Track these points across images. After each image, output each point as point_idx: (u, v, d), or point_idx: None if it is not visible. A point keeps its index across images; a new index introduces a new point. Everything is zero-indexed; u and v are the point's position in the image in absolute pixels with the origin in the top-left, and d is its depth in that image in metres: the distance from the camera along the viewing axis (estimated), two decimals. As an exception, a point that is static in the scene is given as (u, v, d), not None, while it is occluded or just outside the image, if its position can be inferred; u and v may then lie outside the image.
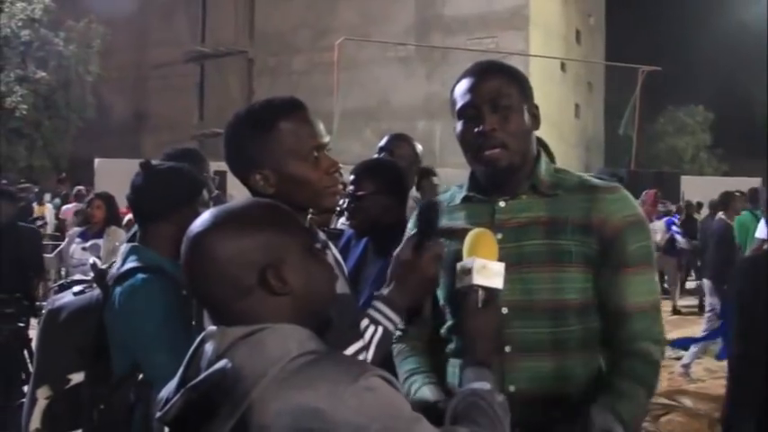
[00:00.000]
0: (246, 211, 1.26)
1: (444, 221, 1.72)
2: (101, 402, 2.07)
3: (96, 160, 17.88)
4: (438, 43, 26.46)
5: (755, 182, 20.83)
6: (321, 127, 1.68)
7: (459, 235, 1.65)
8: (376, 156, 3.22)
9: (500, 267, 1.53)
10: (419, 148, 3.35)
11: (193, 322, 1.99)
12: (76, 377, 2.15)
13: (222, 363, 1.14)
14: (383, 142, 3.30)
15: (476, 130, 1.62)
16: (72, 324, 2.20)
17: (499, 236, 1.64)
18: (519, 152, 1.64)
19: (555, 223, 1.64)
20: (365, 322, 1.54)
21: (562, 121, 32.06)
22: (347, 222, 2.61)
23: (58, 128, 24.35)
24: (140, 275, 2.08)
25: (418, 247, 1.57)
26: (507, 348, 1.62)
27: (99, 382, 2.10)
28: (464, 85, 1.67)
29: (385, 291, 1.58)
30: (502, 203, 1.68)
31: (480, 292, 1.51)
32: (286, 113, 1.65)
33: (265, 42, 31.59)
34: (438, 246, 1.58)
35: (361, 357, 1.50)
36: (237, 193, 4.91)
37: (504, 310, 1.61)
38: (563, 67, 30.91)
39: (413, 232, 1.65)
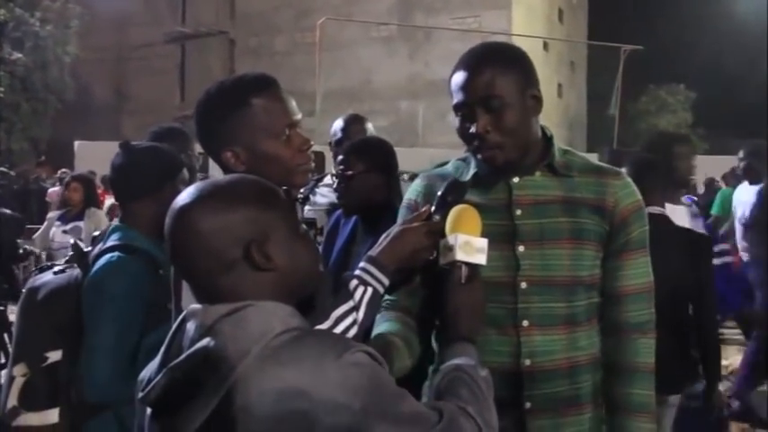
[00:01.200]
0: (233, 186, 1.25)
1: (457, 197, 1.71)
2: (78, 380, 2.07)
3: (76, 143, 17.71)
4: (421, 23, 26.34)
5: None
6: (293, 104, 1.66)
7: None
8: (334, 137, 3.25)
9: (483, 243, 1.54)
10: (370, 127, 3.36)
11: (169, 306, 2.05)
12: (54, 355, 2.16)
13: (205, 341, 1.13)
14: (341, 124, 3.31)
15: (470, 130, 1.62)
16: (50, 302, 2.21)
17: (519, 212, 1.68)
18: (516, 147, 1.64)
19: (571, 202, 1.68)
20: (354, 283, 1.54)
21: (545, 101, 31.90)
22: (338, 201, 2.60)
23: (36, 110, 24.06)
24: (113, 254, 2.11)
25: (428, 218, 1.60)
26: (525, 323, 1.65)
27: (77, 361, 2.10)
28: (458, 78, 1.64)
29: (374, 252, 1.59)
30: (516, 179, 1.69)
31: (464, 269, 1.52)
32: (258, 90, 1.63)
33: (247, 23, 31.30)
34: (439, 222, 1.59)
35: (351, 318, 1.51)
36: (219, 174, 4.87)
37: (524, 285, 1.64)
38: (545, 46, 30.88)
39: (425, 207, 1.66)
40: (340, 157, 2.54)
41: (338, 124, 3.34)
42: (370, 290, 1.54)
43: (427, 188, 1.78)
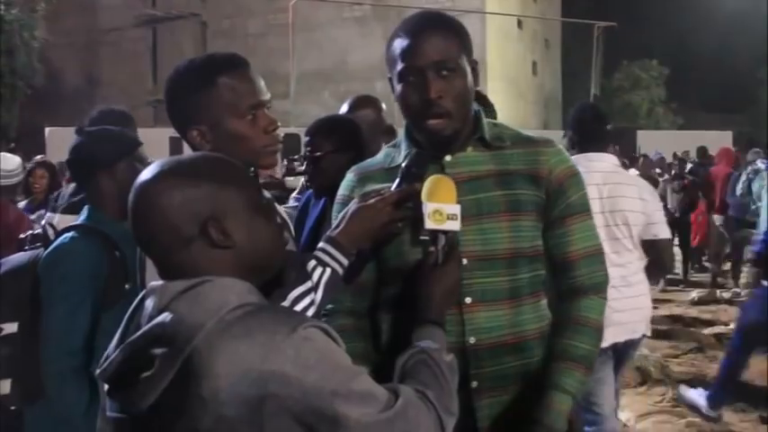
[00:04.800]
0: (194, 162, 1.26)
1: (386, 184, 1.68)
2: (32, 354, 2.10)
3: (47, 129, 17.45)
4: (394, 2, 26.18)
5: (712, 135, 21.20)
6: (261, 85, 1.65)
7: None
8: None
9: (455, 209, 1.53)
10: (383, 107, 3.25)
11: (127, 286, 2.10)
12: (9, 327, 2.21)
13: (162, 316, 1.14)
14: (345, 107, 3.20)
15: (420, 96, 1.58)
16: (8, 277, 2.27)
17: None
18: (462, 118, 1.62)
19: (505, 174, 1.66)
20: (312, 264, 1.53)
21: (519, 79, 32.11)
22: (306, 183, 2.57)
23: (3, 96, 23.64)
24: (69, 234, 2.17)
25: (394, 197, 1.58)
26: (468, 300, 1.63)
27: (32, 334, 2.15)
28: (405, 43, 1.59)
29: (332, 232, 1.58)
30: (448, 158, 1.66)
31: (441, 239, 1.53)
32: (225, 69, 1.62)
33: (218, 5, 30.92)
34: (396, 193, 1.59)
35: (309, 298, 1.50)
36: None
37: (464, 262, 1.61)
38: (520, 24, 30.87)
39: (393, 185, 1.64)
40: (306, 138, 2.50)
41: (342, 108, 3.22)
42: (328, 270, 1.53)
43: (360, 182, 1.76)
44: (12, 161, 4.43)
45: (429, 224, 1.52)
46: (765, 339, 4.31)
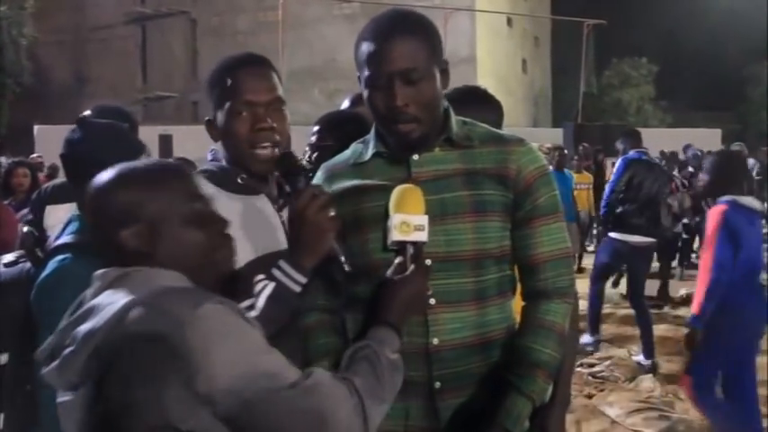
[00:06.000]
0: (139, 169, 1.32)
1: (354, 181, 1.68)
2: (25, 384, 1.94)
3: (36, 127, 17.37)
4: None
5: (700, 132, 21.29)
6: (261, 84, 1.67)
7: (373, 191, 1.64)
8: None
9: (422, 220, 1.52)
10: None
11: None
12: (1, 358, 2.04)
13: (90, 302, 1.23)
14: (347, 103, 3.21)
15: (387, 103, 1.55)
16: None
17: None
18: (431, 121, 1.59)
19: (472, 174, 1.63)
20: (259, 277, 1.54)
21: (509, 76, 32.14)
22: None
23: (-7, 94, 23.49)
24: (65, 257, 1.92)
25: (301, 199, 1.55)
26: (432, 301, 1.59)
27: (24, 363, 1.87)
28: (371, 49, 1.56)
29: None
30: (416, 156, 1.63)
31: (409, 248, 1.51)
32: (231, 69, 1.67)
33: (208, 2, 30.82)
34: (312, 193, 1.55)
35: (252, 314, 1.50)
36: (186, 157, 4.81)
37: (428, 262, 1.58)
38: (509, 22, 30.91)
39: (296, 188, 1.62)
40: (315, 128, 2.51)
41: (344, 104, 3.23)
42: (272, 284, 1.53)
43: (328, 179, 1.73)
44: None
45: (395, 236, 1.50)
46: (609, 274, 6.35)
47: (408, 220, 1.51)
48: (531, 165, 1.64)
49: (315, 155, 2.45)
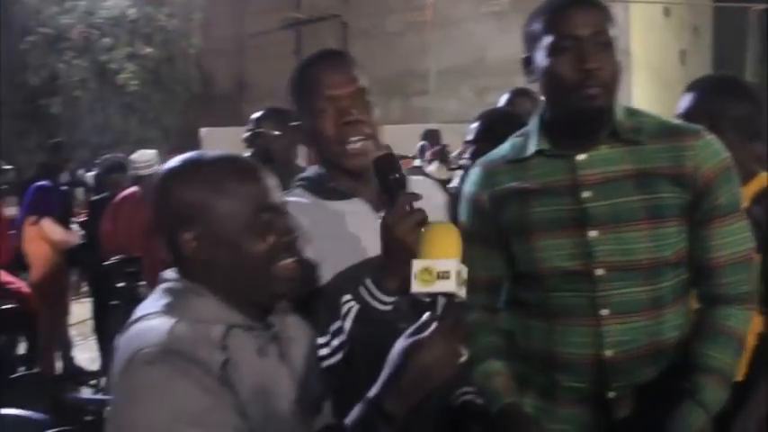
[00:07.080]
0: (208, 166, 1.23)
1: (513, 183, 1.61)
2: None
3: (202, 130, 18.56)
4: (533, -5, 25.75)
5: None
6: (338, 77, 1.56)
7: (538, 194, 1.56)
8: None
9: (448, 265, 1.18)
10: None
11: None
12: None
13: (137, 310, 1.21)
14: (504, 99, 3.20)
15: (576, 65, 1.48)
16: None
17: (587, 194, 1.55)
18: (611, 94, 1.52)
19: (645, 175, 1.53)
20: (346, 298, 1.43)
21: (665, 69, 30.65)
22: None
23: (165, 101, 25.37)
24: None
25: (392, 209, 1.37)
26: (605, 311, 1.53)
27: None
28: (554, 15, 1.52)
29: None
30: (581, 157, 1.55)
31: (440, 301, 1.18)
32: (309, 66, 1.63)
33: (359, 5, 31.50)
34: (405, 207, 1.34)
35: (342, 337, 1.43)
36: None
37: (601, 272, 1.52)
38: (666, 11, 29.46)
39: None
40: (475, 125, 2.51)
41: (501, 101, 3.23)
42: (356, 306, 1.41)
43: (488, 177, 1.65)
44: (147, 153, 4.80)
45: (415, 286, 1.18)
46: None
47: (431, 267, 1.18)
48: (710, 160, 1.54)
49: (473, 149, 2.49)
